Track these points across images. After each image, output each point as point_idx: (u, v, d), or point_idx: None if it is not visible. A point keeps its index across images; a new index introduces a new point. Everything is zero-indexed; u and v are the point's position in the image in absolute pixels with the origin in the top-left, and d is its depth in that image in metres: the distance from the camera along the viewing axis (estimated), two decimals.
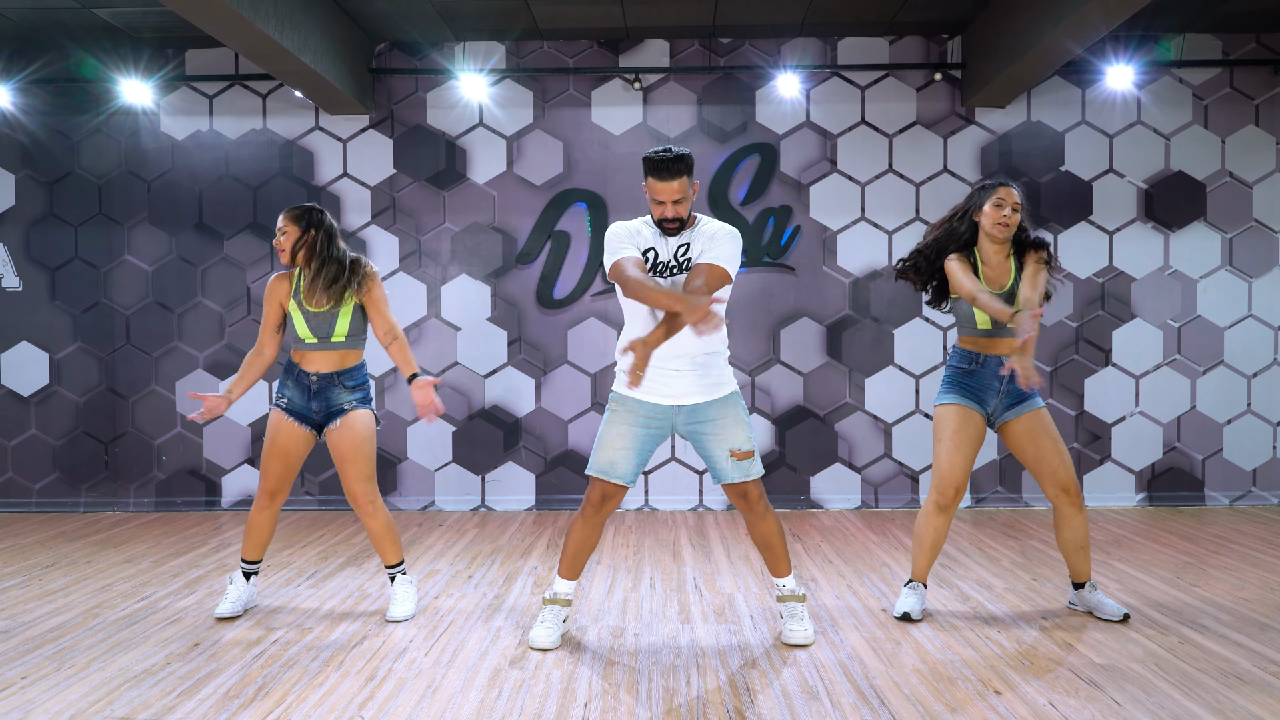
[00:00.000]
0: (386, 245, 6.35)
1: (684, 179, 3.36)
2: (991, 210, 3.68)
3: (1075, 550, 3.78)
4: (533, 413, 6.38)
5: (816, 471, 6.36)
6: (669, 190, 3.36)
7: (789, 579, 3.63)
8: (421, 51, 6.33)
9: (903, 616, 3.79)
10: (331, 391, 3.83)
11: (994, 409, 3.75)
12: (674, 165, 3.32)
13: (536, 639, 3.53)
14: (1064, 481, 3.71)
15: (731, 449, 3.45)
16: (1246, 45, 6.24)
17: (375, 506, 3.86)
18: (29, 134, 6.36)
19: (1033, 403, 3.74)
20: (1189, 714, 2.85)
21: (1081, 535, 3.75)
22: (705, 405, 3.46)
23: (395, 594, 3.94)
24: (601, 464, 3.49)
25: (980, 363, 3.72)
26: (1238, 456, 6.33)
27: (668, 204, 3.38)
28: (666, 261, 3.45)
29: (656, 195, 3.38)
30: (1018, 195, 3.70)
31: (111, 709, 2.95)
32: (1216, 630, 3.64)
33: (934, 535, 3.80)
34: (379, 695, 3.05)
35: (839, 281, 6.33)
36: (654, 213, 3.43)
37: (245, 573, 3.97)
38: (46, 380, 6.43)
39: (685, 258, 3.43)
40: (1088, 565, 3.81)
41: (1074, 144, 6.28)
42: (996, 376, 3.70)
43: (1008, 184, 3.73)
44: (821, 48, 6.31)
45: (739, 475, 3.47)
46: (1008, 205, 3.67)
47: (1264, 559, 4.81)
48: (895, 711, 2.89)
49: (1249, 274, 6.30)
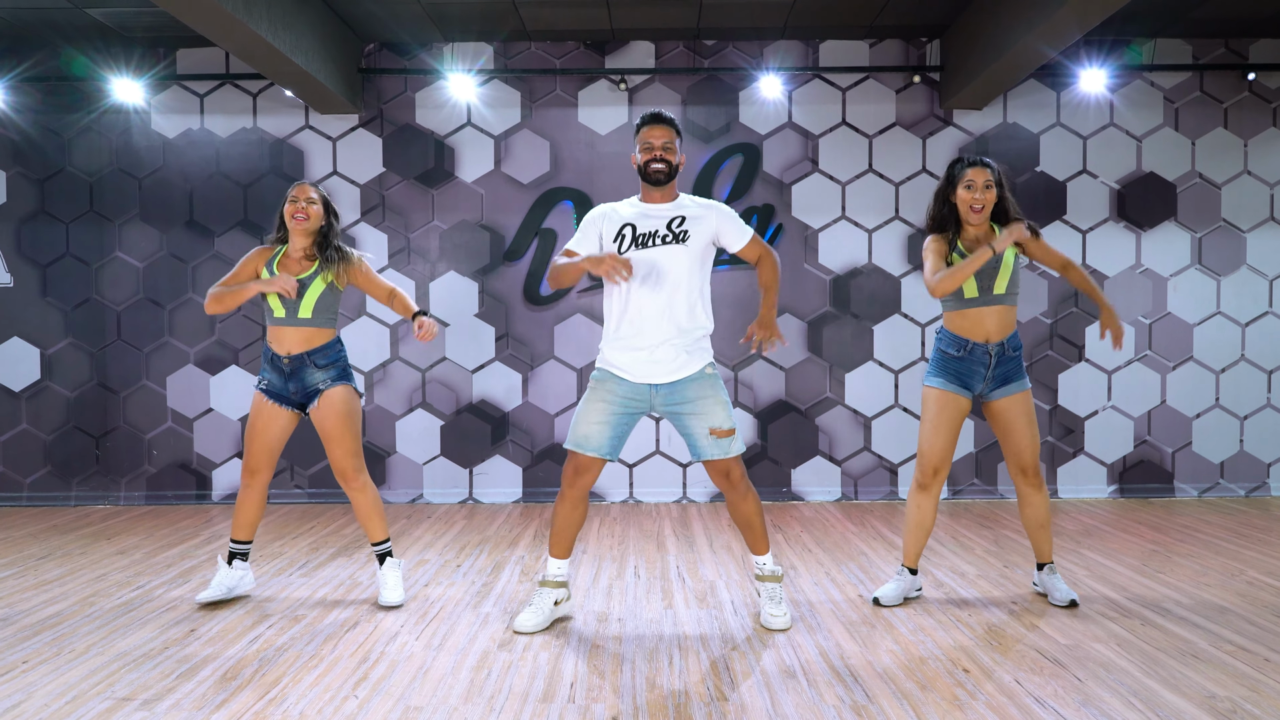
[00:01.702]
0: (376, 242, 6.45)
1: (672, 131, 3.57)
2: (964, 193, 3.75)
3: (1037, 528, 3.92)
4: (520, 407, 6.49)
5: (798, 464, 6.50)
6: (659, 133, 3.55)
7: (767, 557, 3.76)
8: (411, 52, 6.43)
9: (874, 601, 3.92)
10: (305, 372, 3.92)
11: (982, 389, 3.85)
12: (665, 117, 3.58)
13: (521, 623, 3.62)
14: (1025, 464, 3.84)
15: (711, 426, 3.54)
16: (1216, 50, 6.41)
17: (363, 481, 3.98)
18: (20, 131, 6.43)
19: (1019, 384, 3.83)
20: (1146, 689, 2.99)
21: (1042, 514, 3.89)
22: (683, 383, 3.54)
23: (385, 579, 4.04)
24: (577, 438, 3.59)
25: (968, 350, 3.79)
26: (1206, 449, 6.50)
27: (657, 146, 3.54)
28: (653, 231, 3.54)
29: (648, 139, 3.55)
30: (990, 173, 3.73)
31: (112, 689, 3.05)
32: (1177, 613, 3.79)
33: (918, 514, 3.91)
34: (372, 676, 3.16)
35: (820, 279, 6.47)
36: (643, 158, 3.57)
37: (234, 553, 4.07)
38: (38, 375, 6.50)
39: (682, 229, 3.55)
40: (1049, 545, 3.95)
41: (1049, 145, 6.44)
42: (983, 363, 3.80)
43: (977, 162, 3.75)
44: (803, 50, 6.44)
45: (719, 452, 3.56)
46: (978, 186, 3.72)
47: (1227, 547, 4.98)
48: (869, 689, 3.02)
49: (1217, 272, 6.48)
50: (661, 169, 3.54)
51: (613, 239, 3.56)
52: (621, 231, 3.55)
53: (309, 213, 3.92)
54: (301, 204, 3.92)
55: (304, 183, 4.00)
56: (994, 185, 3.76)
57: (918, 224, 6.42)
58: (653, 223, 3.56)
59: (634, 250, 3.52)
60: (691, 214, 3.59)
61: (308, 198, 3.94)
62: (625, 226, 3.56)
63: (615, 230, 3.57)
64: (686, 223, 3.55)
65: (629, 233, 3.54)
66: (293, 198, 3.94)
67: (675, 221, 3.56)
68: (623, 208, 3.64)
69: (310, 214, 3.93)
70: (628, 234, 3.54)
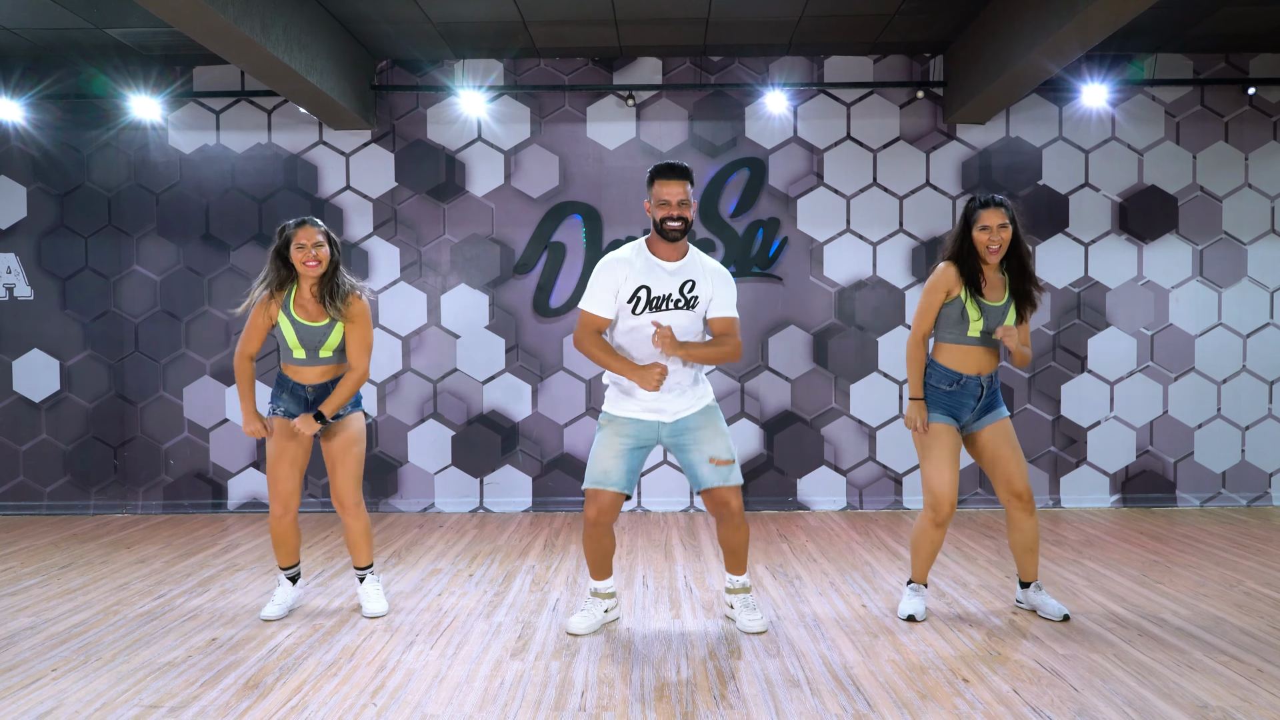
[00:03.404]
0: (388, 256, 6.57)
1: (686, 184, 3.67)
2: (980, 235, 3.81)
3: (1025, 552, 3.98)
4: (529, 417, 6.60)
5: (803, 474, 6.59)
6: (675, 190, 3.63)
7: (745, 576, 3.94)
8: (422, 69, 6.55)
9: (908, 618, 3.95)
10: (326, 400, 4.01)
11: (966, 421, 3.95)
12: (680, 168, 3.67)
13: (575, 625, 3.82)
14: (1018, 488, 3.89)
15: (712, 456, 3.71)
16: (1216, 65, 6.49)
17: (360, 509, 4.09)
18: (40, 148, 6.56)
19: (999, 413, 3.93)
20: (1140, 699, 3.08)
21: (1031, 538, 3.94)
22: (688, 417, 3.74)
23: (368, 593, 4.15)
24: (596, 475, 3.74)
25: (960, 384, 3.86)
26: (1208, 459, 6.58)
27: (673, 204, 3.63)
28: (666, 295, 3.67)
29: (663, 195, 3.64)
30: (1004, 213, 3.80)
31: (139, 697, 3.16)
32: (1174, 624, 3.87)
33: (930, 547, 3.96)
34: (389, 684, 3.26)
35: (825, 291, 6.56)
36: (658, 215, 3.66)
37: (290, 577, 4.17)
38: (57, 386, 6.63)
39: (693, 295, 3.70)
40: (1035, 566, 4.01)
41: (1051, 159, 6.53)
42: (974, 395, 3.87)
43: (991, 203, 3.81)
44: (808, 66, 6.54)
45: (719, 480, 3.71)
46: (993, 228, 3.79)
47: (1227, 558, 5.05)
48: (870, 698, 3.12)
49: (1219, 284, 6.55)
50: (678, 227, 3.66)
51: (628, 300, 3.68)
52: (637, 294, 3.67)
53: (320, 257, 3.93)
54: (311, 250, 3.91)
55: (308, 224, 3.94)
56: (1009, 224, 3.82)
57: (922, 237, 6.51)
58: (665, 285, 3.69)
59: (648, 312, 3.67)
60: (699, 278, 3.73)
61: (315, 242, 3.91)
62: (640, 289, 3.67)
63: (630, 291, 3.68)
64: (696, 288, 3.71)
65: (644, 295, 3.68)
66: (300, 244, 3.90)
67: (686, 286, 3.71)
68: (634, 261, 3.71)
69: (321, 258, 3.93)
70: (643, 296, 3.68)
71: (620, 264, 3.70)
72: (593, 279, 3.73)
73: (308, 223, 3.96)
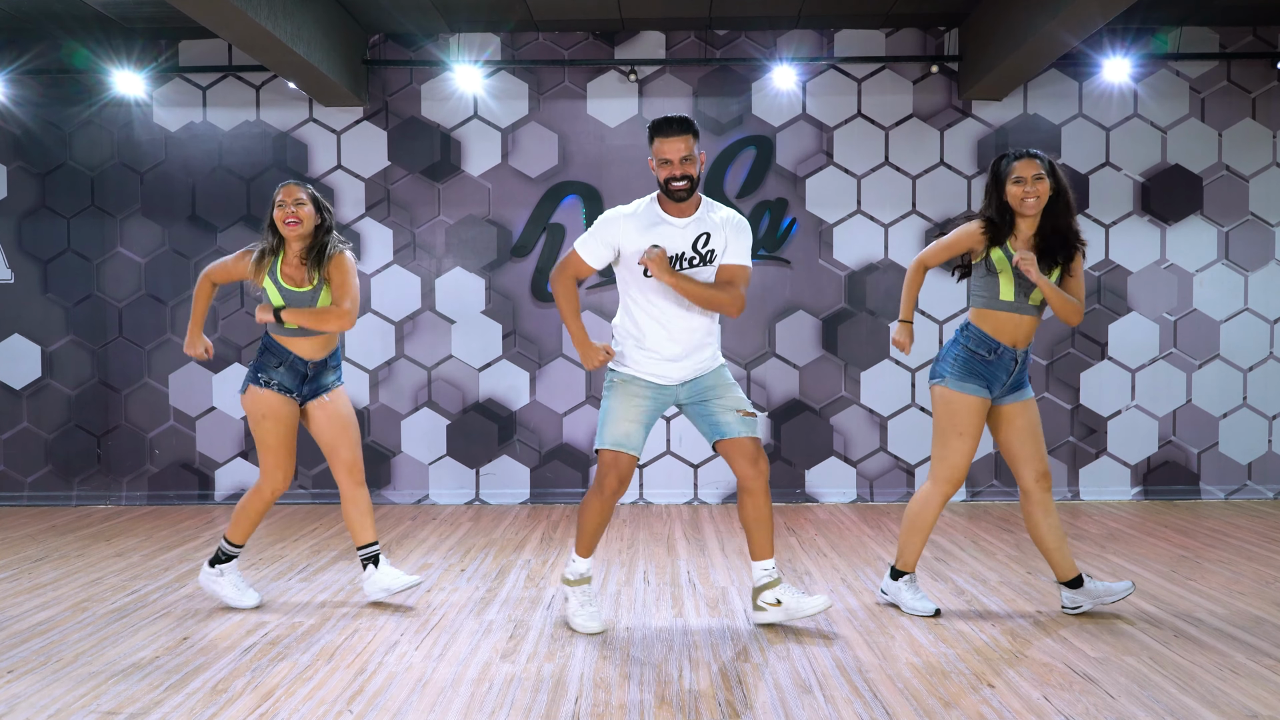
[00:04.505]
0: (381, 238, 6.32)
1: (689, 137, 3.38)
2: (1014, 189, 3.57)
3: (1060, 542, 3.71)
4: (527, 406, 6.36)
5: (812, 465, 6.34)
6: (675, 147, 3.36)
7: (772, 561, 3.69)
8: (416, 43, 6.29)
9: (935, 614, 3.73)
10: (323, 374, 3.96)
11: (997, 394, 3.72)
12: (680, 121, 3.38)
13: (589, 625, 3.57)
14: (1042, 468, 3.70)
15: (738, 407, 3.58)
16: (1244, 38, 6.22)
17: (363, 476, 4.04)
18: (20, 125, 6.32)
19: (1026, 392, 3.74)
20: (1184, 708, 2.83)
21: (1057, 523, 3.73)
22: (707, 375, 3.60)
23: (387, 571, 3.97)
24: (617, 437, 3.52)
25: (998, 353, 3.64)
26: (1233, 450, 6.32)
27: (675, 162, 3.37)
28: (679, 254, 3.45)
29: (664, 153, 3.38)
30: (1040, 164, 3.56)
31: (98, 703, 2.93)
32: (1211, 624, 3.63)
33: (933, 520, 3.77)
34: (368, 689, 3.03)
35: (835, 275, 6.31)
36: (661, 175, 3.41)
37: (229, 555, 3.92)
38: (39, 373, 6.40)
39: (708, 249, 3.48)
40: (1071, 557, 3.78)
41: (1071, 137, 6.26)
42: (1007, 368, 3.65)
43: (1024, 154, 3.60)
44: (818, 40, 6.28)
45: (748, 430, 3.56)
46: (1028, 179, 3.54)
47: (1259, 553, 4.80)
48: (888, 706, 2.87)
49: (1245, 267, 6.29)
50: (683, 187, 3.40)
51: (637, 262, 3.46)
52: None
53: (300, 215, 3.77)
54: (290, 207, 3.76)
55: (290, 183, 3.83)
56: (1044, 176, 3.57)
57: (935, 218, 6.25)
58: (678, 243, 3.46)
59: None
60: (714, 229, 3.50)
61: (296, 199, 3.78)
62: (652, 249, 3.40)
63: (638, 249, 3.44)
64: (710, 241, 3.49)
65: None
66: (280, 201, 3.78)
67: (700, 241, 3.48)
68: (643, 217, 3.48)
69: (302, 216, 3.77)
70: None
71: (624, 217, 3.49)
72: (595, 225, 3.53)
73: (291, 181, 3.86)
